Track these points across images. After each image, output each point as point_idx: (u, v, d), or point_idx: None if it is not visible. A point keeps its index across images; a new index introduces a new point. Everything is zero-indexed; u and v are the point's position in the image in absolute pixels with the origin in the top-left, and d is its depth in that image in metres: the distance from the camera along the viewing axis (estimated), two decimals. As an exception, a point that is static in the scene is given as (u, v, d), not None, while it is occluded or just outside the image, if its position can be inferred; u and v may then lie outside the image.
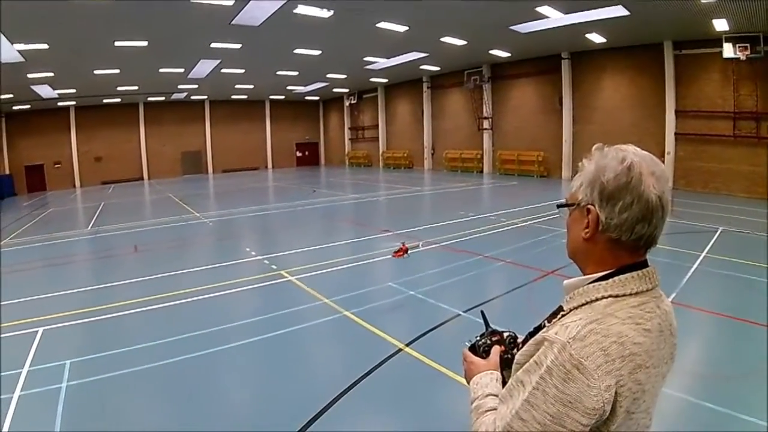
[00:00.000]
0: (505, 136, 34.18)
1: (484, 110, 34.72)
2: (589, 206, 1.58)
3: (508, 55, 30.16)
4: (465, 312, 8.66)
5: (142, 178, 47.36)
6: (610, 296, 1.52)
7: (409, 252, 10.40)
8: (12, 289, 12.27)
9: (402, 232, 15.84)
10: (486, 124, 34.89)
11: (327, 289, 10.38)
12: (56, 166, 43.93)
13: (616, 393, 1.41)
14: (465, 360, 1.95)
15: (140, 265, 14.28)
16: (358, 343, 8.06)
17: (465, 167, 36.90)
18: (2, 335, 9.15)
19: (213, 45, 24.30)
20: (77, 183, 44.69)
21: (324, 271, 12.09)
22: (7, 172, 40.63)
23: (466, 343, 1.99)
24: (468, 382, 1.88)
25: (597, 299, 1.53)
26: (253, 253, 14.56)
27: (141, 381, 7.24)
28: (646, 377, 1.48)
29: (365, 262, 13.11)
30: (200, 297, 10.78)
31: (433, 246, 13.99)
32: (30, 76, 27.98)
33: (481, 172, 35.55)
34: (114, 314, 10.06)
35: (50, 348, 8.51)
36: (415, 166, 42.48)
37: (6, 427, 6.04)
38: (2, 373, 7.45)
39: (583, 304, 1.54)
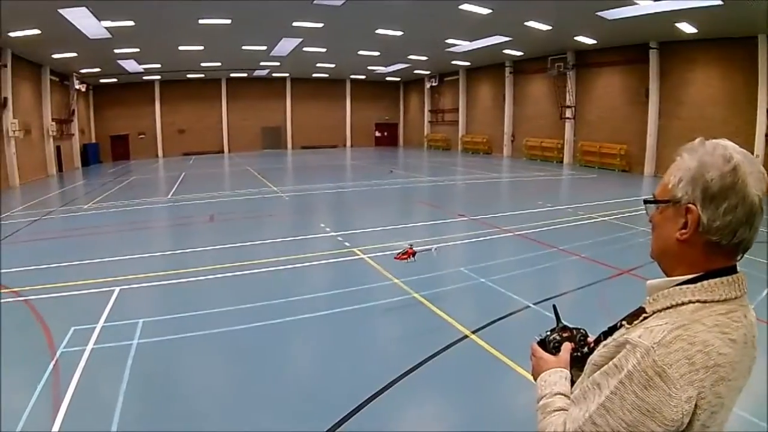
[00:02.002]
0: (588, 127, 33.06)
1: (567, 98, 33.74)
2: (689, 205, 1.45)
3: (594, 42, 29.02)
4: (535, 304, 8.52)
5: (222, 151, 48.86)
6: (697, 301, 1.43)
7: (415, 256, 9.49)
8: (92, 250, 13.06)
9: (477, 218, 15.76)
10: (568, 113, 33.89)
11: (398, 270, 10.42)
12: (140, 136, 46.20)
13: (695, 405, 1.33)
14: (534, 355, 1.89)
15: (216, 234, 14.80)
16: (424, 325, 8.09)
17: (545, 156, 35.97)
18: (80, 292, 9.77)
19: (295, 24, 24.57)
20: (160, 153, 46.82)
21: (396, 251, 12.13)
22: (94, 140, 43.39)
23: (536, 338, 1.94)
24: (535, 378, 1.82)
25: (683, 303, 1.44)
26: (328, 229, 14.81)
27: (209, 344, 7.60)
28: (726, 390, 1.39)
29: (438, 245, 13.07)
30: (273, 268, 11.10)
31: (509, 234, 13.83)
32: (117, 51, 29.33)
33: (561, 162, 34.57)
34: (188, 279, 10.53)
35: (125, 307, 9.04)
36: (494, 153, 41.75)
37: (77, 375, 6.45)
38: (77, 327, 7.98)
39: (667, 308, 1.46)
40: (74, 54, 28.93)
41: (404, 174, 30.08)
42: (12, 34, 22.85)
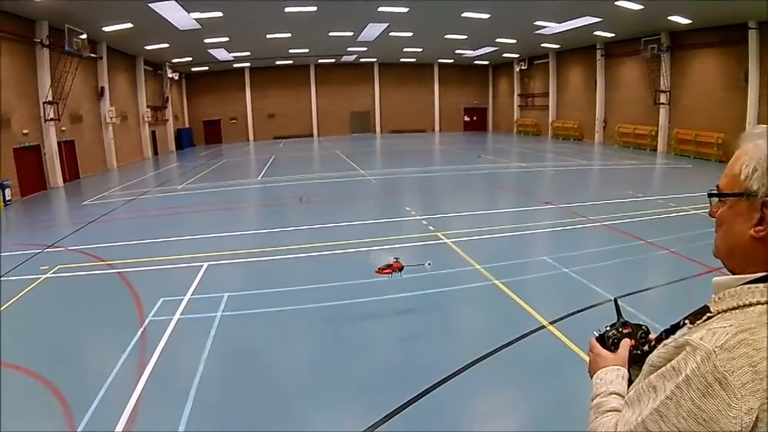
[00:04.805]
0: (683, 113, 31.15)
1: (662, 83, 32.17)
2: (767, 199, 1.31)
3: (689, 22, 27.24)
4: (617, 298, 8.30)
5: (311, 135, 50.12)
6: (766, 303, 1.28)
7: (402, 271, 8.31)
8: (184, 228, 14.05)
9: (564, 206, 15.52)
10: (663, 98, 32.16)
11: (480, 256, 10.51)
12: (232, 121, 48.64)
13: (756, 417, 1.19)
14: (591, 350, 1.83)
15: (303, 215, 15.39)
16: (502, 313, 8.20)
17: (637, 144, 34.38)
18: (171, 266, 10.59)
19: (381, 9, 24.82)
20: (251, 137, 48.96)
21: (480, 237, 12.22)
22: (187, 125, 46.24)
23: (595, 333, 1.88)
24: (591, 375, 1.75)
25: (751, 304, 1.29)
26: (413, 213, 15.06)
27: (290, 320, 8.04)
28: None
29: (523, 232, 13.04)
30: (357, 249, 11.50)
31: (596, 224, 13.58)
32: (207, 41, 30.91)
33: (655, 150, 32.85)
34: (274, 257, 11.09)
35: (212, 281, 9.67)
36: (585, 139, 40.24)
37: (163, 342, 7.07)
38: (166, 298, 8.64)
39: (733, 308, 1.32)
40: (166, 45, 30.73)
41: (492, 159, 29.88)
42: (106, 29, 24.59)
